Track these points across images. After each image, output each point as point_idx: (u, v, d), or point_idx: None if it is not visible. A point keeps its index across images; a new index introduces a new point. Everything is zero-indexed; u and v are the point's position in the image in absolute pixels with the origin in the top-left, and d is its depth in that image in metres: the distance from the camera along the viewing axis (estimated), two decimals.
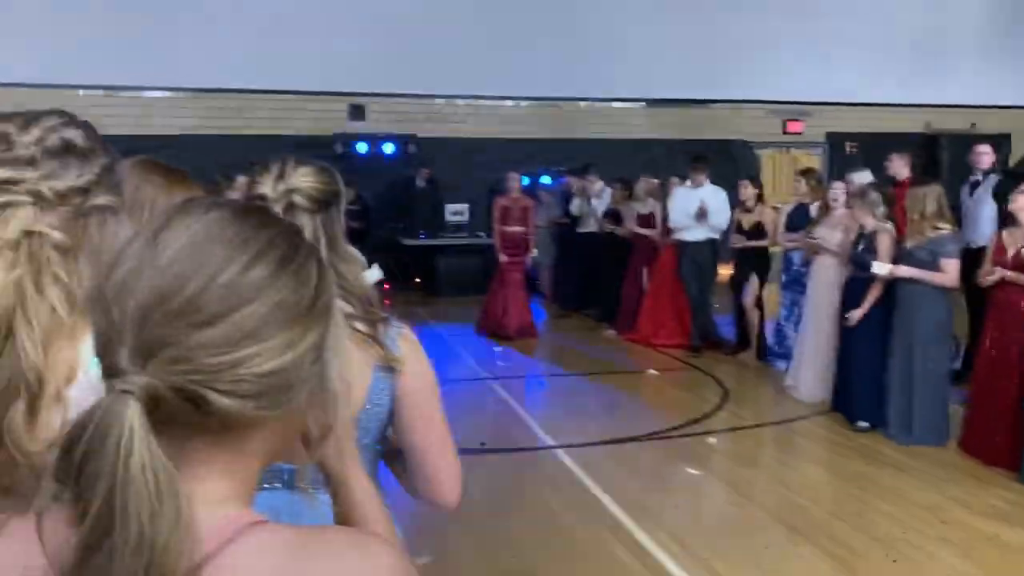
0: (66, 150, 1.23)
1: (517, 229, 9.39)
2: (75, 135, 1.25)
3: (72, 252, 1.23)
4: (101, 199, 1.25)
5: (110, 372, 0.75)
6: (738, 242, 8.15)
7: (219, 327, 0.73)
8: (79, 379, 1.22)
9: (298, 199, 1.52)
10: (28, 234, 1.18)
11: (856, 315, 5.98)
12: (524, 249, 9.53)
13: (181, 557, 0.69)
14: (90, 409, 0.72)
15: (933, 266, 5.60)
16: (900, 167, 7.45)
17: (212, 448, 0.77)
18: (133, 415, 0.70)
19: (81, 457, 0.70)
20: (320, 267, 0.83)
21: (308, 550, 0.75)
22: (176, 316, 0.73)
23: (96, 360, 1.22)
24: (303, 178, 1.54)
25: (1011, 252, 5.34)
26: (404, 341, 1.62)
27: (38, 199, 1.20)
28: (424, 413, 1.61)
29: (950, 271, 5.58)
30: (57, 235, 1.21)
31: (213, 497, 0.77)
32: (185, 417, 0.73)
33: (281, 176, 1.54)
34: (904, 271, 5.66)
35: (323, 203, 1.55)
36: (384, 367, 1.58)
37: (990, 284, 5.39)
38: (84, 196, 1.24)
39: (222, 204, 0.81)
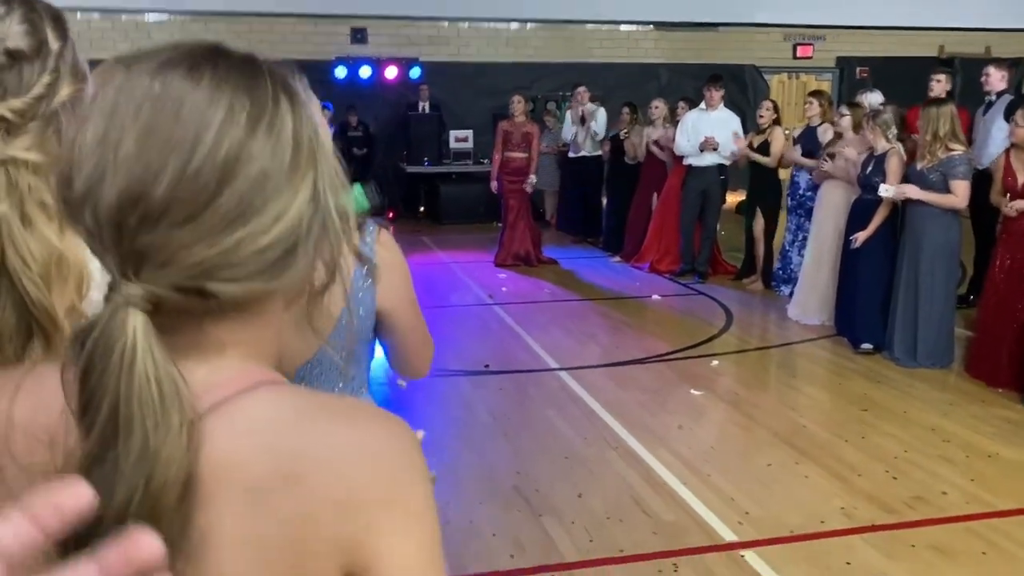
0: (14, 60, 1.06)
1: (518, 155, 9.09)
2: (17, 36, 1.07)
3: (47, 166, 1.09)
4: (64, 93, 1.11)
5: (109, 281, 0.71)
6: (741, 155, 7.98)
7: (201, 220, 0.68)
8: (92, 296, 1.13)
9: None
10: (1, 164, 1.05)
11: (861, 236, 5.93)
12: (525, 175, 9.24)
13: (182, 468, 0.67)
14: (89, 323, 0.68)
15: (944, 188, 5.52)
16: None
17: (228, 324, 0.74)
18: (135, 327, 0.67)
19: (84, 372, 0.67)
20: (292, 101, 0.74)
21: (322, 412, 0.73)
22: (153, 221, 0.67)
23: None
24: None
25: (1021, 179, 5.26)
26: (381, 247, 1.63)
27: (2, 125, 1.06)
28: (402, 308, 1.71)
29: (959, 193, 5.50)
30: (33, 156, 1.07)
31: (232, 361, 0.75)
32: (194, 306, 0.71)
33: None
34: (912, 191, 5.58)
35: None
36: (361, 273, 1.60)
37: (1013, 215, 5.28)
38: (47, 102, 1.09)
39: (169, 64, 0.70)
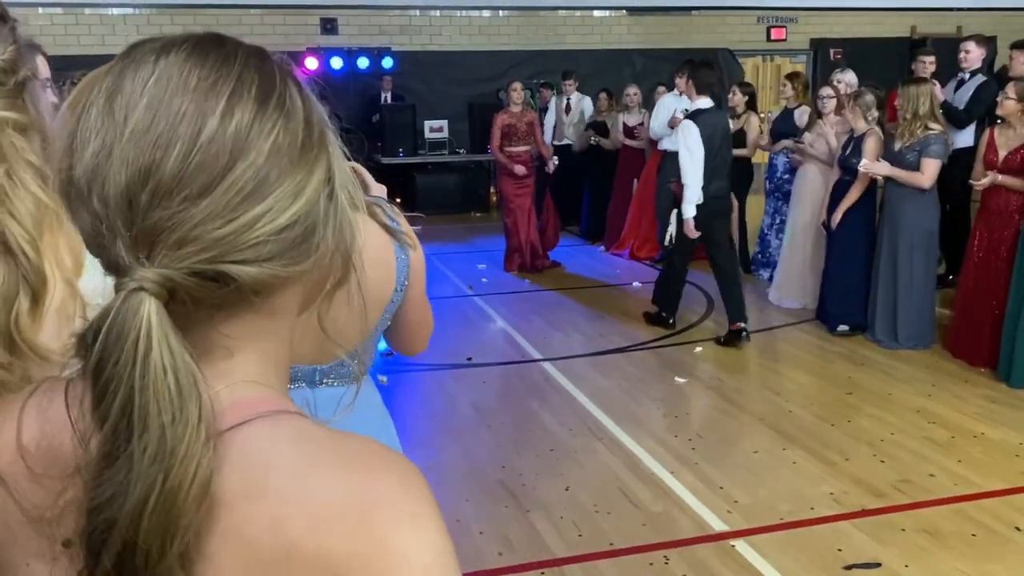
0: None
1: (523, 148, 8.17)
2: None
3: (29, 131, 1.11)
4: (25, 70, 1.12)
5: (113, 268, 0.66)
6: None
7: (216, 194, 0.64)
8: (89, 271, 1.13)
9: None
10: None
11: (837, 217, 5.91)
12: (530, 172, 8.31)
13: (201, 466, 0.63)
14: (102, 311, 0.64)
15: (919, 167, 5.51)
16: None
17: (244, 319, 0.70)
18: (149, 313, 0.63)
19: (98, 363, 0.64)
20: (300, 88, 0.72)
21: (323, 455, 0.67)
22: (165, 195, 0.64)
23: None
24: None
25: (1002, 154, 5.25)
26: (399, 217, 1.62)
27: None
28: (418, 279, 1.68)
29: (927, 171, 5.48)
30: (14, 115, 1.08)
31: (242, 376, 0.70)
32: (210, 295, 0.66)
33: None
34: (883, 168, 5.55)
35: None
36: (401, 248, 1.60)
37: (981, 189, 5.31)
38: (14, 70, 1.11)
39: (172, 44, 0.69)
